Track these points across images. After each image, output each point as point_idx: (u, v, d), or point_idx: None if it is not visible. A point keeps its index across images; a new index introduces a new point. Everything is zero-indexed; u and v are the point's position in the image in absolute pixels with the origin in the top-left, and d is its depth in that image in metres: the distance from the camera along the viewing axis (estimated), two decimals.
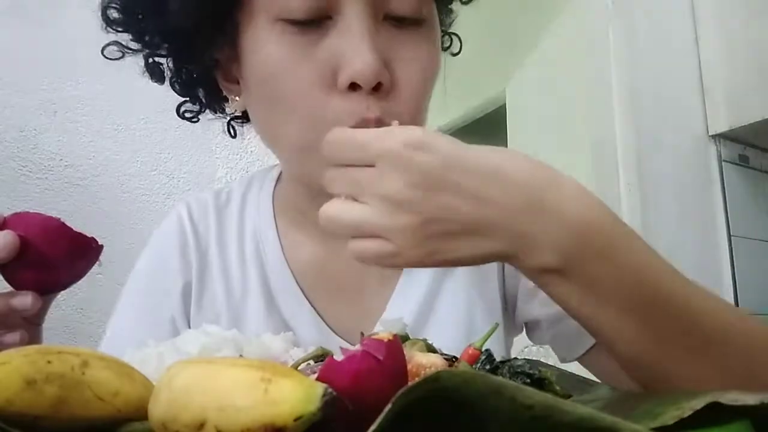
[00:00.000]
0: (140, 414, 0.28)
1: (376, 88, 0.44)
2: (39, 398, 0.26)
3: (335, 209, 0.36)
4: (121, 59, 0.56)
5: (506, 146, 2.33)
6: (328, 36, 0.45)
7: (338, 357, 0.29)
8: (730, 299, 1.66)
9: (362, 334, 0.42)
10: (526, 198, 0.34)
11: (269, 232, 0.61)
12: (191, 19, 0.47)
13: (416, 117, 0.48)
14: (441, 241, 0.35)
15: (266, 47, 0.46)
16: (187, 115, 0.63)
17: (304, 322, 0.58)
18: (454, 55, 0.63)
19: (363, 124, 0.44)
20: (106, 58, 0.58)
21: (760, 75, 1.62)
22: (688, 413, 0.26)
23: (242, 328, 0.57)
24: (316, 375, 0.30)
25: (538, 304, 0.58)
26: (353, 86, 0.44)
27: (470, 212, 0.34)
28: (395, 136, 0.35)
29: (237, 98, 0.54)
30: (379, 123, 0.44)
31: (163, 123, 1.22)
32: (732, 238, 1.68)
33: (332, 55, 0.44)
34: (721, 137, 1.72)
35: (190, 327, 0.59)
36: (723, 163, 1.72)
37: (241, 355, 0.39)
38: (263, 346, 0.40)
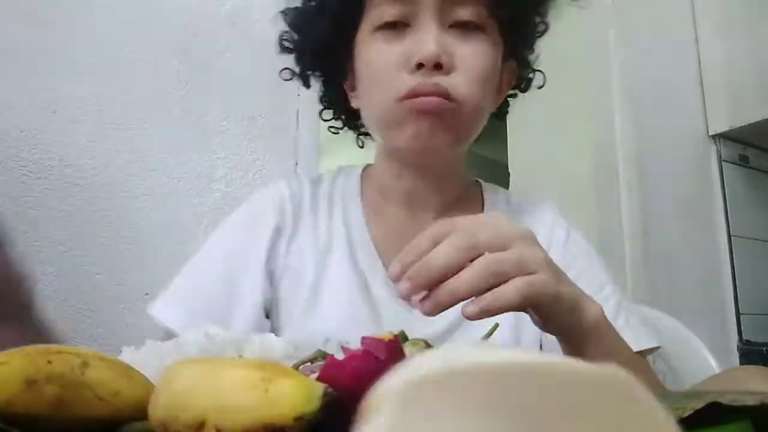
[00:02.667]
0: (140, 414, 0.28)
1: (438, 67, 0.60)
2: (39, 398, 0.26)
3: (497, 257, 0.44)
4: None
5: (506, 146, 2.33)
6: (407, 37, 0.62)
7: (339, 356, 0.29)
8: (730, 299, 1.66)
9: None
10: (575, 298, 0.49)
11: (355, 201, 0.74)
12: (328, 40, 0.68)
13: (470, 91, 0.62)
14: (557, 277, 0.46)
15: (368, 47, 0.65)
16: (332, 130, 0.81)
17: (378, 276, 0.68)
18: (540, 87, 0.79)
19: (422, 86, 0.60)
20: (284, 79, 0.76)
21: (760, 75, 1.62)
22: (688, 413, 0.26)
23: (326, 274, 0.68)
24: (316, 375, 0.30)
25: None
26: (420, 66, 0.60)
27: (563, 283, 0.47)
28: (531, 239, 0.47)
29: (356, 99, 0.71)
30: (436, 87, 0.60)
31: (163, 123, 1.22)
32: (732, 238, 1.68)
33: (408, 48, 0.62)
34: (721, 137, 1.72)
35: (275, 269, 0.69)
36: (723, 163, 1.72)
37: (240, 356, 0.39)
38: (264, 347, 0.40)
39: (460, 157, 0.73)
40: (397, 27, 0.63)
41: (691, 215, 1.63)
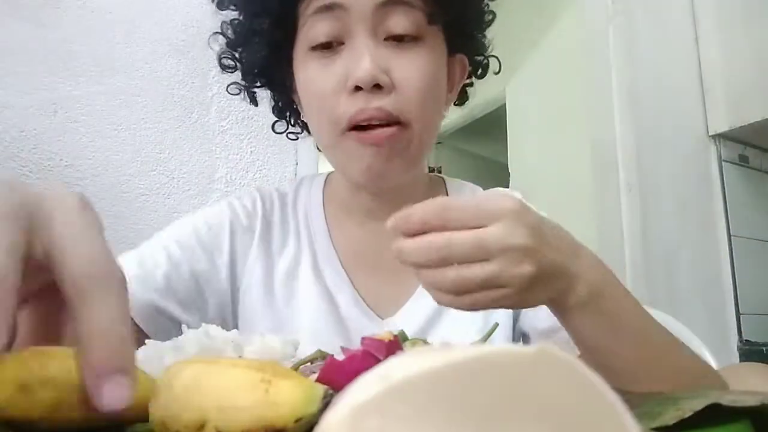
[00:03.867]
0: (141, 414, 0.28)
1: (378, 88, 0.57)
2: (34, 402, 0.25)
3: (464, 272, 0.40)
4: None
5: (506, 146, 2.33)
6: (341, 56, 0.59)
7: (339, 357, 0.29)
8: (731, 299, 1.66)
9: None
10: (573, 248, 0.45)
11: (318, 216, 0.72)
12: (267, 61, 0.66)
13: (417, 109, 0.59)
14: (541, 285, 0.41)
15: (304, 69, 0.62)
16: (279, 130, 0.78)
17: (345, 294, 0.67)
18: (496, 73, 0.75)
19: (362, 113, 0.57)
20: (230, 93, 0.73)
21: (760, 75, 1.62)
22: (688, 413, 0.26)
23: (295, 289, 0.67)
24: (316, 375, 0.30)
25: (535, 318, 0.66)
26: (358, 88, 0.57)
27: (556, 260, 0.42)
28: (506, 197, 0.41)
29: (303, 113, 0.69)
30: (378, 111, 0.57)
31: (163, 123, 1.22)
32: (732, 238, 1.68)
33: (344, 68, 0.58)
34: (721, 137, 1.72)
35: (240, 279, 0.67)
36: (723, 163, 1.72)
37: (240, 356, 0.39)
38: (264, 348, 0.40)
39: (419, 168, 0.70)
40: (331, 46, 0.59)
41: (691, 215, 1.63)
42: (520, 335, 0.69)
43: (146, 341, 0.42)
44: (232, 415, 0.24)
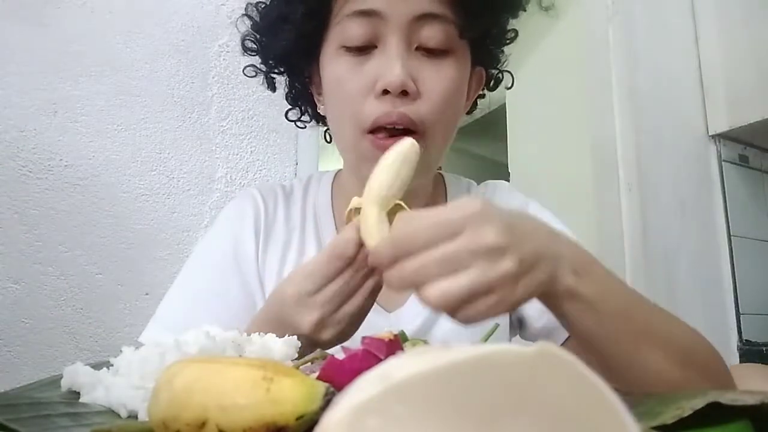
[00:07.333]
0: None
1: (404, 94, 0.59)
2: None
3: (440, 288, 0.38)
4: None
5: (506, 146, 2.33)
6: (373, 59, 0.61)
7: (339, 356, 0.29)
8: (731, 299, 1.66)
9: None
10: (551, 234, 0.43)
11: (326, 211, 0.73)
12: (291, 49, 0.67)
13: (438, 119, 0.61)
14: (527, 277, 0.39)
15: (332, 65, 0.63)
16: (292, 118, 0.79)
17: None
18: (508, 88, 0.79)
19: (387, 116, 0.59)
20: (246, 75, 0.75)
21: (760, 75, 1.62)
22: (688, 413, 0.26)
23: None
24: (316, 375, 0.30)
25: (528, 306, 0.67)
26: (386, 92, 0.59)
27: (536, 247, 0.40)
28: (468, 202, 0.39)
29: (322, 106, 0.70)
30: (401, 116, 0.59)
31: (163, 123, 1.22)
32: (732, 238, 1.68)
33: (374, 71, 0.60)
34: (721, 137, 1.72)
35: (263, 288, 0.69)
36: (723, 163, 1.72)
37: (240, 356, 0.39)
38: (264, 348, 0.40)
39: (431, 173, 0.71)
40: (364, 48, 0.61)
41: (691, 215, 1.63)
42: (517, 323, 0.71)
43: (145, 341, 0.42)
44: (234, 413, 0.24)
